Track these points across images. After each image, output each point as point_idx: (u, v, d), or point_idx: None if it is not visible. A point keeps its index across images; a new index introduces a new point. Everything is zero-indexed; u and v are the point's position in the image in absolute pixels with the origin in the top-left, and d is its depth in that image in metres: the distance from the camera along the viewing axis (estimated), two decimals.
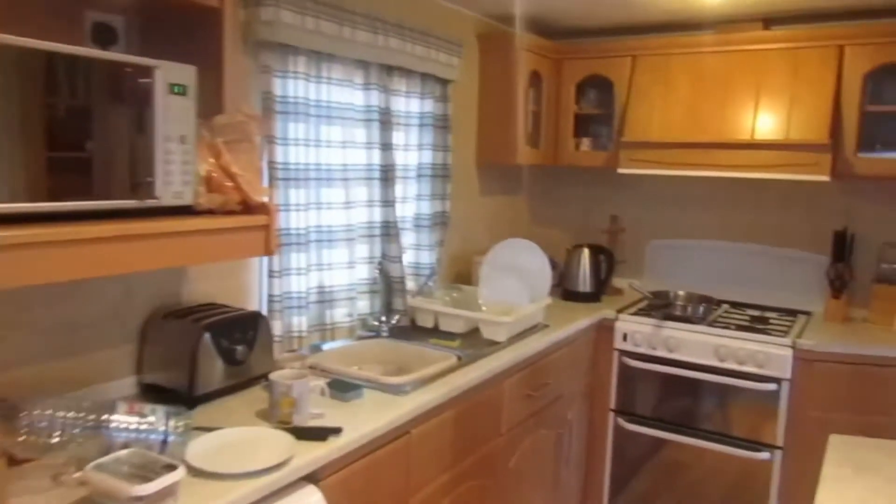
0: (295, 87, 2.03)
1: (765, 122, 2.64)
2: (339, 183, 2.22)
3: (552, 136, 3.18)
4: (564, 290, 3.08)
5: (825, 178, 2.54)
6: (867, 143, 2.64)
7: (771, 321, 2.81)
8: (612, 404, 2.87)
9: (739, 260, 3.12)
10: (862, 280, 2.83)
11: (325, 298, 2.19)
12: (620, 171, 2.92)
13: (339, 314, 2.24)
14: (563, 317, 2.72)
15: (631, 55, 2.98)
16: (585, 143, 3.20)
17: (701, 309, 2.77)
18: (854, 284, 2.80)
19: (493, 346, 2.28)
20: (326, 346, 2.20)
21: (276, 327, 2.02)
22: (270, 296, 2.01)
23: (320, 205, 2.17)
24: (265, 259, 2.02)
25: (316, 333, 2.18)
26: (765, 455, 2.56)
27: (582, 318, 2.72)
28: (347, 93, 2.23)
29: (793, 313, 2.94)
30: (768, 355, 2.52)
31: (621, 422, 2.83)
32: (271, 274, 2.01)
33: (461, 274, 2.99)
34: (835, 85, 2.56)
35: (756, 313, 2.93)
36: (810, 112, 2.57)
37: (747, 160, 2.67)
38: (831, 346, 2.46)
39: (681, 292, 3.00)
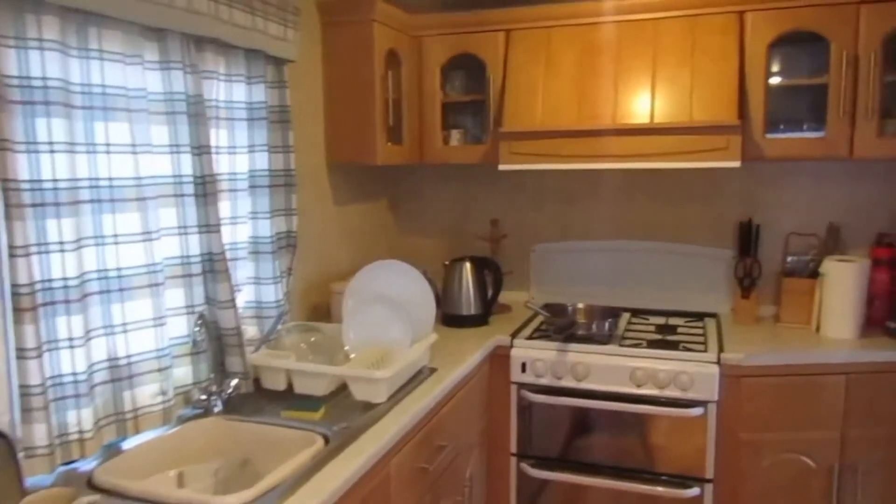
0: (42, 63, 1.33)
1: (665, 102, 2.26)
2: (132, 205, 1.53)
3: (416, 128, 2.64)
4: (445, 314, 2.55)
5: (736, 163, 2.20)
6: (772, 121, 2.34)
7: (679, 330, 2.46)
8: (514, 448, 2.39)
9: (635, 260, 2.76)
10: (767, 273, 2.55)
11: (120, 375, 1.50)
12: (501, 167, 2.44)
13: (146, 393, 1.55)
14: (451, 350, 2.19)
15: (504, 29, 2.51)
16: (456, 135, 2.70)
17: (606, 325, 2.35)
18: (759, 279, 2.51)
19: (370, 410, 1.70)
20: (128, 445, 1.51)
21: (39, 433, 1.31)
22: (25, 388, 1.30)
23: (102, 239, 1.47)
24: (9, 329, 1.30)
25: (110, 428, 1.49)
26: (694, 491, 2.19)
27: (473, 351, 2.21)
28: (135, 74, 1.54)
29: (699, 317, 2.61)
30: (692, 376, 2.14)
31: (525, 468, 2.36)
32: (23, 354, 1.30)
33: (319, 308, 2.38)
34: (738, 57, 2.23)
35: (661, 321, 2.57)
36: (715, 89, 2.22)
37: (647, 148, 2.28)
38: (759, 357, 2.12)
39: (579, 305, 2.58)
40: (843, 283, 2.26)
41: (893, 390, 2.14)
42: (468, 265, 2.54)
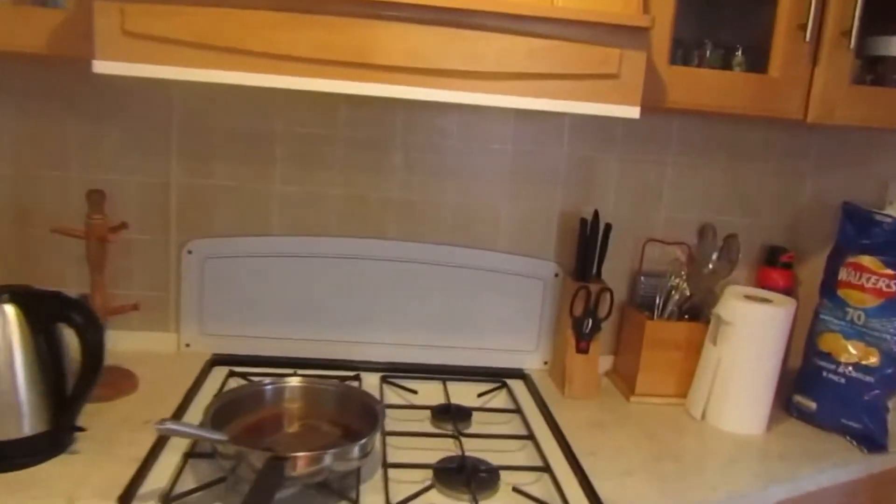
0: None
1: None
2: None
3: None
4: None
5: (633, 111, 1.05)
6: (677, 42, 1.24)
7: (477, 420, 1.29)
8: None
9: (383, 273, 1.49)
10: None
11: None
12: (100, 65, 0.95)
13: None
14: None
15: None
16: None
17: (357, 449, 1.04)
18: (608, 321, 1.45)
19: None
20: None
21: None
22: None
23: None
24: None
25: None
26: None
27: None
28: None
29: (498, 379, 1.47)
30: None
31: None
32: None
33: None
34: None
35: (437, 396, 1.36)
36: None
37: (453, 56, 1.00)
38: None
39: (291, 381, 1.21)
40: (758, 340, 1.30)
41: None
42: (12, 313, 1.00)
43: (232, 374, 1.38)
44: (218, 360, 1.43)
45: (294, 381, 1.20)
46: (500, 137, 1.46)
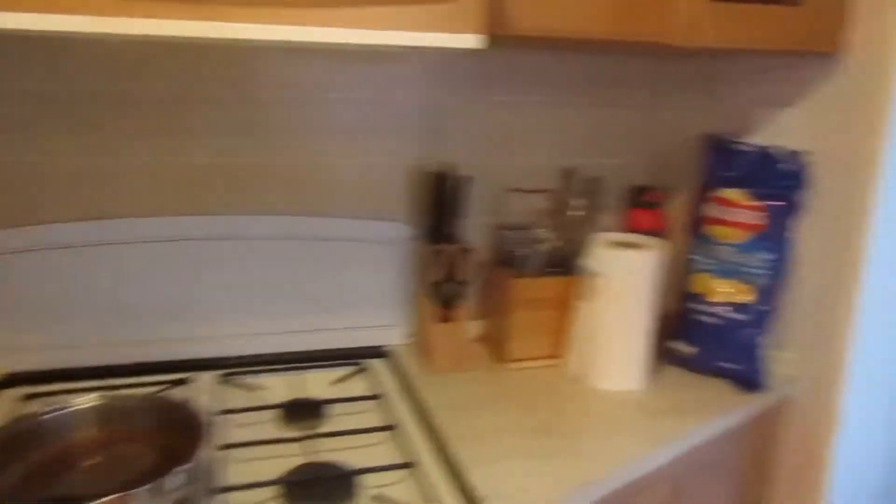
0: None
1: None
2: None
3: None
4: None
5: (477, 41, 0.88)
6: None
7: (337, 413, 1.12)
8: None
9: (213, 253, 1.26)
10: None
11: None
12: None
13: None
14: None
15: None
16: None
17: (173, 479, 0.84)
18: (471, 284, 1.30)
19: None
20: None
21: None
22: None
23: None
24: None
25: None
26: None
27: None
28: None
29: (355, 362, 1.29)
30: None
31: None
32: None
33: None
34: None
35: (284, 391, 1.18)
36: None
37: None
38: None
39: (83, 402, 0.97)
40: (629, 289, 1.19)
41: (714, 480, 1.20)
42: None
43: (28, 396, 1.11)
44: (9, 381, 1.15)
45: (85, 401, 0.96)
46: (338, 85, 1.25)
